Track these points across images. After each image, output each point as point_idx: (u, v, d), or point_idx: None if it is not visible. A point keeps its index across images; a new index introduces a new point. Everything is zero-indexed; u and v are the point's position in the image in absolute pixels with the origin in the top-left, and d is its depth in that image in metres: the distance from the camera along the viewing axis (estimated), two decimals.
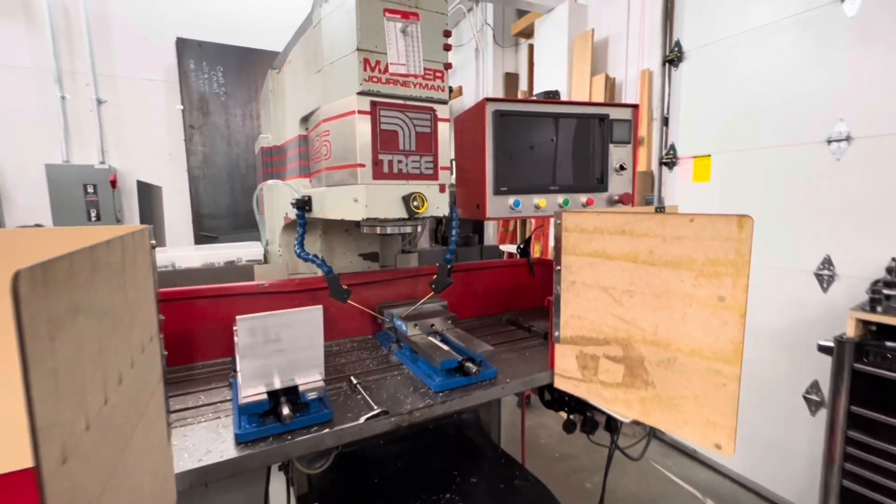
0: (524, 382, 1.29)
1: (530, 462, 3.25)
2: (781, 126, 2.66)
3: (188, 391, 1.26)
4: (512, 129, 1.58)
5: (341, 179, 1.20)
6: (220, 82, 2.92)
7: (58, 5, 2.57)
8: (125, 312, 0.57)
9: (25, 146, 2.61)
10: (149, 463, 0.67)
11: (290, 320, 1.06)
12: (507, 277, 2.06)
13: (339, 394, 1.24)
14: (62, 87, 2.63)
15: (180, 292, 1.42)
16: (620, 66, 3.86)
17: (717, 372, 0.93)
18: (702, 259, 0.93)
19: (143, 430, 0.63)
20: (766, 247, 2.74)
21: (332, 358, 1.51)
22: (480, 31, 5.28)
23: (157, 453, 0.71)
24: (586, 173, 1.70)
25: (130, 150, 2.85)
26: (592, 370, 1.18)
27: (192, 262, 1.66)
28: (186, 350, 1.44)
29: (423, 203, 1.17)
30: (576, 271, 1.18)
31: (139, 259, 0.65)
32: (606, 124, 1.70)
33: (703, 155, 3.16)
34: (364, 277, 1.69)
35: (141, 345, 0.64)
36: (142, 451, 0.62)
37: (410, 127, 1.17)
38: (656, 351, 1.03)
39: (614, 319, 1.11)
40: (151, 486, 0.68)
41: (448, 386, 1.24)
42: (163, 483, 0.76)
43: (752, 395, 2.84)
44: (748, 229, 0.86)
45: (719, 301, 0.91)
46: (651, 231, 1.01)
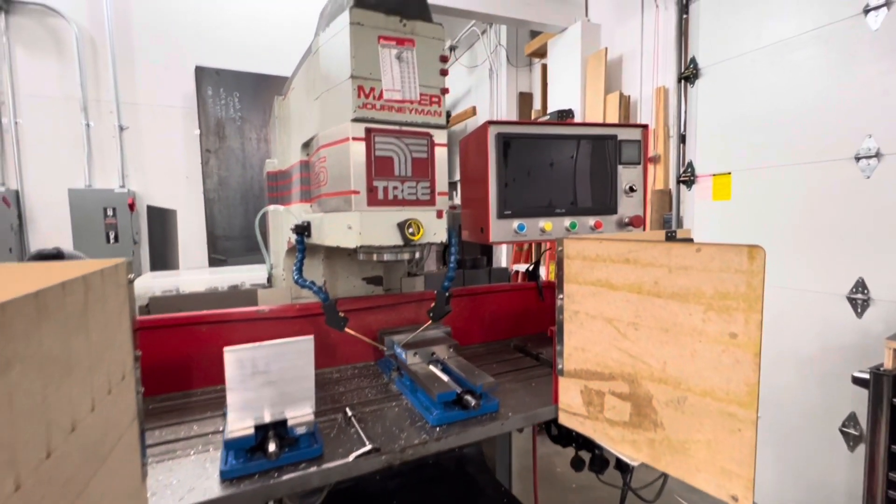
0: (526, 418, 1.22)
1: (544, 493, 3.10)
2: (805, 142, 2.55)
3: (182, 420, 1.24)
4: (516, 151, 1.55)
5: (337, 206, 1.18)
6: (237, 107, 3.00)
7: (86, 39, 2.71)
8: (85, 356, 0.55)
9: (50, 172, 2.71)
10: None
11: (280, 351, 1.03)
12: (515, 301, 2.00)
13: (332, 426, 1.20)
14: (87, 114, 2.74)
15: (179, 318, 1.41)
16: (635, 83, 3.81)
17: (732, 415, 0.85)
18: (711, 292, 0.86)
19: (107, 475, 0.61)
20: (794, 268, 2.60)
21: (331, 386, 1.48)
22: (494, 52, 5.33)
23: (126, 498, 0.68)
24: (594, 195, 1.65)
25: (149, 173, 2.93)
26: (598, 407, 1.11)
27: (197, 286, 1.66)
28: (185, 377, 1.43)
29: (418, 230, 1.14)
30: (579, 301, 1.12)
31: (110, 296, 0.64)
32: (615, 145, 1.65)
33: (722, 173, 3.05)
34: (366, 302, 1.66)
35: (107, 385, 0.62)
36: (103, 498, 0.60)
37: (406, 152, 1.15)
38: (665, 389, 0.96)
39: (619, 353, 1.04)
40: None
41: (446, 420, 1.18)
42: None
43: (784, 426, 2.66)
44: (760, 261, 0.79)
45: (731, 338, 0.84)
46: (656, 260, 0.95)
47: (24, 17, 2.64)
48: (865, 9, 2.23)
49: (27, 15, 2.64)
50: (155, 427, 1.20)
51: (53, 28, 2.69)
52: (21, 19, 2.63)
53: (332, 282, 1.73)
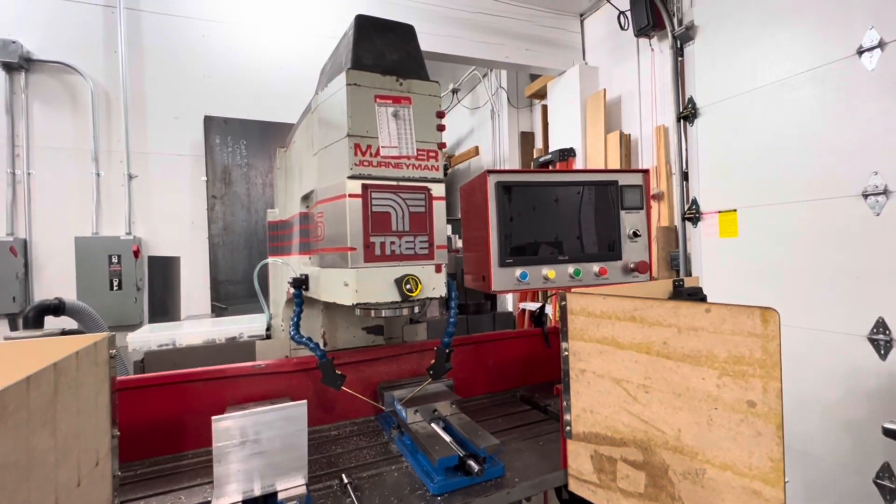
0: (534, 485, 1.14)
1: None
2: (811, 180, 2.53)
3: (169, 489, 1.17)
4: (516, 199, 1.54)
5: (333, 262, 1.16)
6: (243, 154, 3.06)
7: (100, 93, 2.82)
8: (50, 452, 0.51)
9: (59, 220, 2.76)
10: None
11: (270, 419, 0.98)
12: (520, 349, 1.94)
13: (327, 495, 1.13)
14: (98, 164, 2.81)
15: (173, 376, 1.37)
16: (634, 123, 3.87)
17: (756, 493, 0.78)
18: (724, 355, 0.81)
19: None
20: (808, 307, 2.52)
21: (328, 445, 1.41)
22: (495, 94, 5.48)
23: None
24: (598, 242, 1.62)
25: (155, 220, 2.97)
26: (610, 475, 1.03)
27: (194, 339, 1.63)
28: (177, 437, 1.37)
29: (416, 286, 1.11)
30: (585, 358, 1.07)
31: (86, 379, 0.61)
32: (616, 191, 1.63)
33: (728, 210, 3.03)
34: (365, 354, 1.61)
35: (76, 478, 0.57)
36: None
37: (404, 207, 1.14)
38: (681, 460, 0.89)
39: (630, 418, 0.97)
40: None
41: (448, 488, 1.11)
42: None
43: (818, 476, 2.50)
44: (774, 325, 0.75)
45: (749, 407, 0.78)
46: (664, 320, 0.91)
47: (44, 75, 2.76)
48: (859, 50, 2.26)
49: (46, 72, 2.76)
50: (140, 497, 1.13)
51: (70, 84, 2.81)
52: (40, 77, 2.75)
53: (332, 332, 1.69)
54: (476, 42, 3.89)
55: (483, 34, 3.91)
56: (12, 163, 2.63)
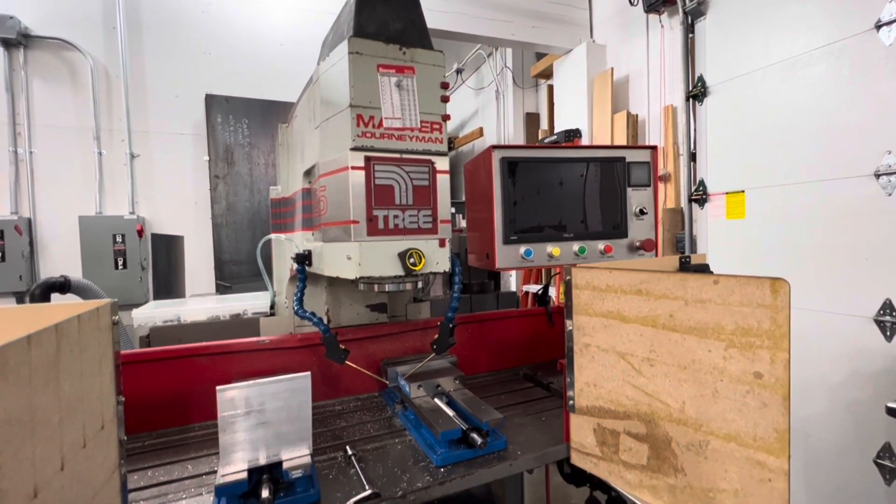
0: (536, 458, 1.15)
1: None
2: (821, 159, 2.48)
3: (177, 459, 1.19)
4: (521, 175, 1.52)
5: (336, 236, 1.15)
6: (245, 133, 3.03)
7: (100, 70, 2.78)
8: (55, 411, 0.51)
9: (62, 200, 2.75)
10: None
11: (275, 389, 0.99)
12: (523, 328, 1.94)
13: (332, 466, 1.14)
14: (100, 143, 2.79)
15: (178, 350, 1.38)
16: (642, 102, 3.79)
17: (760, 464, 0.77)
18: (731, 327, 0.80)
19: None
20: (815, 289, 2.50)
21: (332, 420, 1.42)
22: (500, 74, 5.38)
23: None
24: (604, 219, 1.60)
25: (158, 200, 2.96)
26: (613, 447, 1.03)
27: (199, 315, 1.63)
28: (183, 410, 1.39)
29: (420, 259, 1.10)
30: (589, 333, 1.06)
31: (89, 343, 0.60)
32: (623, 167, 1.60)
33: (735, 191, 2.98)
34: (369, 331, 1.62)
35: (81, 439, 0.58)
36: None
37: (407, 181, 1.12)
38: (685, 431, 0.89)
39: (634, 391, 0.97)
40: None
41: (451, 460, 1.12)
42: None
43: (816, 457, 2.51)
44: (784, 295, 0.74)
45: (756, 378, 0.77)
46: (671, 292, 0.89)
47: (42, 51, 2.72)
48: (877, 24, 2.19)
49: (45, 49, 2.72)
50: (147, 466, 1.15)
51: (70, 61, 2.77)
52: (39, 53, 2.71)
53: (335, 309, 1.69)
54: (481, 19, 3.80)
55: (489, 10, 3.81)
56: (14, 141, 2.62)
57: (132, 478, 1.10)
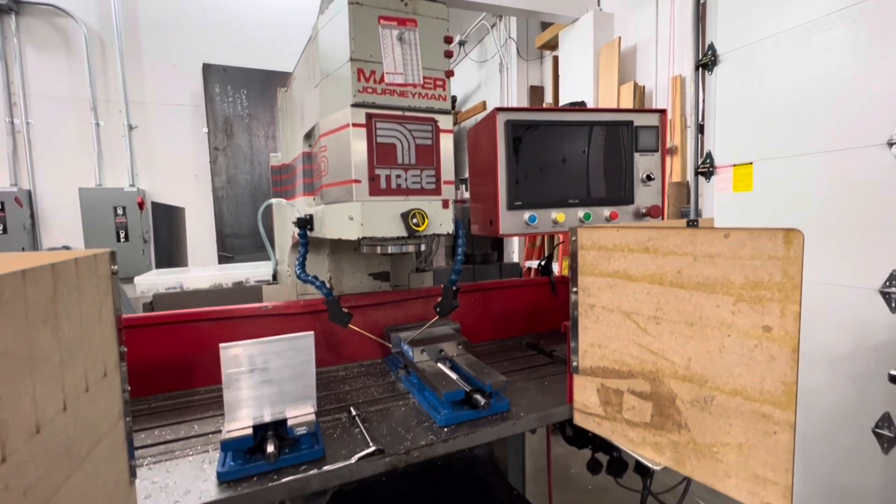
0: (539, 418, 1.16)
1: (558, 495, 3.02)
2: (833, 129, 2.42)
3: (183, 419, 1.20)
4: (526, 139, 1.48)
5: (338, 196, 1.13)
6: (244, 104, 2.98)
7: (94, 38, 2.71)
8: (54, 351, 0.50)
9: (62, 171, 2.73)
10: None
11: (278, 348, 0.99)
12: (527, 297, 1.93)
13: (336, 426, 1.15)
14: (97, 114, 2.75)
15: (181, 315, 1.38)
16: (650, 73, 3.70)
17: (766, 417, 0.77)
18: (741, 281, 0.79)
19: (83, 480, 0.56)
20: (821, 261, 2.47)
21: (336, 384, 1.43)
22: (504, 45, 5.24)
23: (109, 501, 0.64)
24: (609, 185, 1.57)
25: (158, 172, 2.93)
26: (616, 406, 1.04)
27: (201, 283, 1.63)
28: (187, 375, 1.40)
29: (423, 220, 1.08)
30: (594, 294, 1.05)
31: (87, 288, 0.59)
32: (631, 132, 1.57)
33: (743, 163, 2.93)
34: (372, 299, 1.61)
35: (84, 384, 0.57)
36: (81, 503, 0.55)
37: (410, 139, 1.09)
38: (690, 388, 0.88)
39: (639, 350, 0.97)
40: None
41: (454, 420, 1.12)
42: None
43: (811, 428, 2.54)
44: (798, 246, 0.72)
45: (765, 331, 0.76)
46: (679, 249, 0.88)
47: (34, 18, 2.65)
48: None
49: (36, 15, 2.65)
50: (154, 427, 1.16)
51: (62, 28, 2.70)
52: (30, 20, 2.64)
53: (338, 278, 1.69)
54: None
55: None
56: (10, 111, 2.58)
57: (139, 436, 1.11)
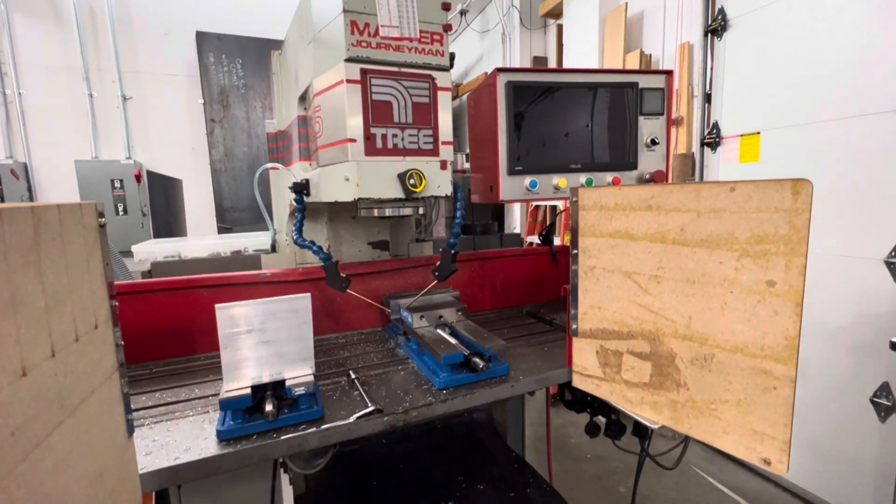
0: (538, 381, 1.16)
1: (558, 463, 3.09)
2: (843, 96, 2.35)
3: (183, 383, 1.21)
4: (527, 101, 1.44)
5: (333, 157, 1.11)
6: (240, 74, 2.91)
7: (83, 5, 2.63)
8: (38, 296, 0.49)
9: (57, 143, 2.69)
10: (91, 464, 0.60)
11: (275, 309, 0.98)
12: (527, 267, 1.92)
13: (335, 389, 1.15)
14: (90, 84, 2.70)
15: (179, 282, 1.38)
16: (657, 40, 3.58)
17: (766, 373, 0.76)
18: (745, 236, 0.77)
19: (76, 428, 0.56)
20: (826, 232, 2.44)
21: (336, 351, 1.43)
22: (507, 14, 5.08)
23: (106, 453, 0.64)
24: (613, 150, 1.53)
25: (155, 144, 2.90)
26: (615, 368, 1.03)
27: (199, 252, 1.62)
28: (188, 342, 1.40)
29: (420, 181, 1.05)
30: (595, 255, 1.03)
31: (73, 237, 0.58)
32: (636, 94, 1.52)
33: (750, 133, 2.86)
34: (371, 267, 1.60)
35: (73, 333, 0.56)
36: (74, 451, 0.55)
37: (406, 97, 1.06)
38: (690, 347, 0.87)
39: (640, 310, 0.95)
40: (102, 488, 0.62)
41: (453, 383, 1.13)
42: (123, 483, 0.70)
43: (810, 396, 2.56)
44: (806, 197, 0.69)
45: (768, 286, 0.75)
46: (683, 205, 0.85)
47: None
48: None
49: None
50: (155, 390, 1.17)
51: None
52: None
53: (337, 246, 1.67)
54: None
55: None
56: (1, 81, 2.53)
57: (140, 399, 1.12)
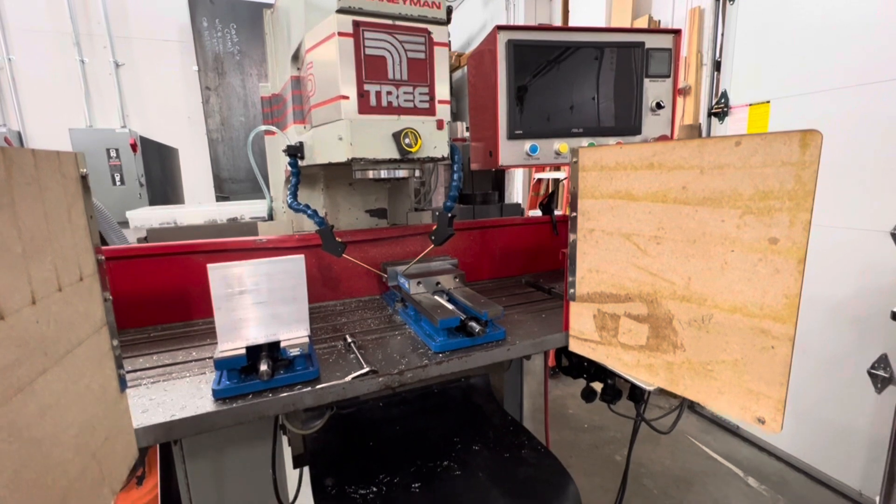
0: (534, 344, 1.15)
1: (555, 433, 3.14)
2: (857, 62, 2.27)
3: (181, 347, 1.22)
4: (528, 62, 1.39)
5: (327, 116, 1.07)
6: (234, 40, 2.83)
7: None
8: (14, 240, 0.48)
9: (50, 111, 2.65)
10: (81, 414, 0.60)
11: (268, 270, 0.97)
12: (527, 236, 1.90)
13: (331, 353, 1.15)
14: (80, 50, 2.62)
15: (174, 247, 1.36)
16: (666, 5, 3.45)
17: (765, 332, 0.75)
18: (749, 192, 0.74)
19: (63, 377, 0.56)
20: (832, 204, 2.40)
21: (333, 317, 1.43)
22: None
23: (96, 403, 0.64)
24: (617, 113, 1.49)
25: (150, 113, 2.84)
26: (612, 331, 1.02)
27: (195, 218, 1.60)
28: (185, 307, 1.40)
29: (416, 140, 1.02)
30: (594, 217, 1.01)
31: (51, 185, 0.56)
32: (642, 54, 1.46)
33: (760, 102, 2.78)
34: (368, 234, 1.58)
35: (55, 282, 0.55)
36: (62, 399, 0.55)
37: (401, 52, 1.01)
38: (688, 308, 0.86)
39: (638, 272, 0.94)
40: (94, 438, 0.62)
41: (449, 347, 1.12)
42: (117, 436, 0.70)
43: (807, 367, 2.57)
44: (815, 149, 0.66)
45: (770, 244, 0.73)
46: (686, 162, 0.82)
47: None
48: None
49: None
50: (152, 352, 1.17)
51: None
52: None
53: (334, 214, 1.65)
54: None
55: None
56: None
57: (137, 361, 1.12)
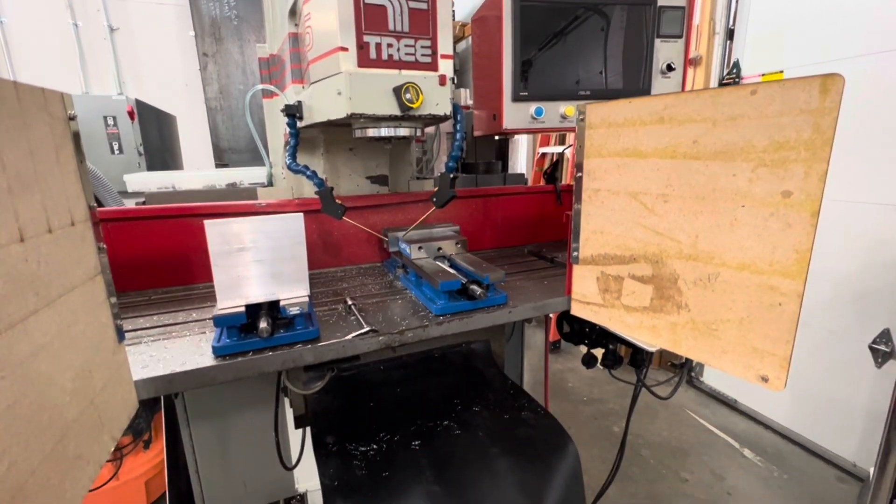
0: (536, 308, 1.14)
1: (556, 405, 3.19)
2: (876, 29, 2.18)
3: (181, 308, 1.21)
4: (534, 22, 1.33)
5: (325, 70, 1.04)
6: (231, 5, 2.73)
7: None
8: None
9: (44, 77, 2.59)
10: (76, 358, 0.59)
11: (266, 228, 0.95)
12: (530, 206, 1.87)
13: (332, 315, 1.15)
14: (73, 13, 2.55)
15: (173, 209, 1.35)
16: None
17: (773, 289, 0.73)
18: (763, 143, 0.71)
19: (56, 319, 0.55)
20: (841, 179, 2.35)
21: (334, 283, 1.42)
22: None
23: (94, 351, 0.64)
24: (626, 75, 1.44)
25: (146, 80, 2.78)
26: (615, 294, 1.01)
27: (193, 183, 1.58)
28: (186, 271, 1.39)
29: (417, 96, 0.99)
30: (600, 177, 0.98)
31: (35, 122, 0.54)
32: (654, 13, 1.40)
33: (773, 72, 2.70)
34: (369, 200, 1.56)
35: (45, 223, 0.54)
36: (55, 342, 0.54)
37: (402, 1, 0.97)
38: (694, 267, 0.84)
39: (644, 231, 0.92)
40: (91, 383, 0.61)
41: (450, 310, 1.11)
42: (116, 384, 0.70)
43: (807, 341, 2.57)
44: (835, 94, 0.63)
45: (783, 197, 0.70)
46: (698, 114, 0.79)
47: None
48: None
49: None
50: (154, 313, 1.17)
51: None
52: None
53: (334, 180, 1.63)
54: None
55: None
56: None
57: (137, 321, 1.12)
